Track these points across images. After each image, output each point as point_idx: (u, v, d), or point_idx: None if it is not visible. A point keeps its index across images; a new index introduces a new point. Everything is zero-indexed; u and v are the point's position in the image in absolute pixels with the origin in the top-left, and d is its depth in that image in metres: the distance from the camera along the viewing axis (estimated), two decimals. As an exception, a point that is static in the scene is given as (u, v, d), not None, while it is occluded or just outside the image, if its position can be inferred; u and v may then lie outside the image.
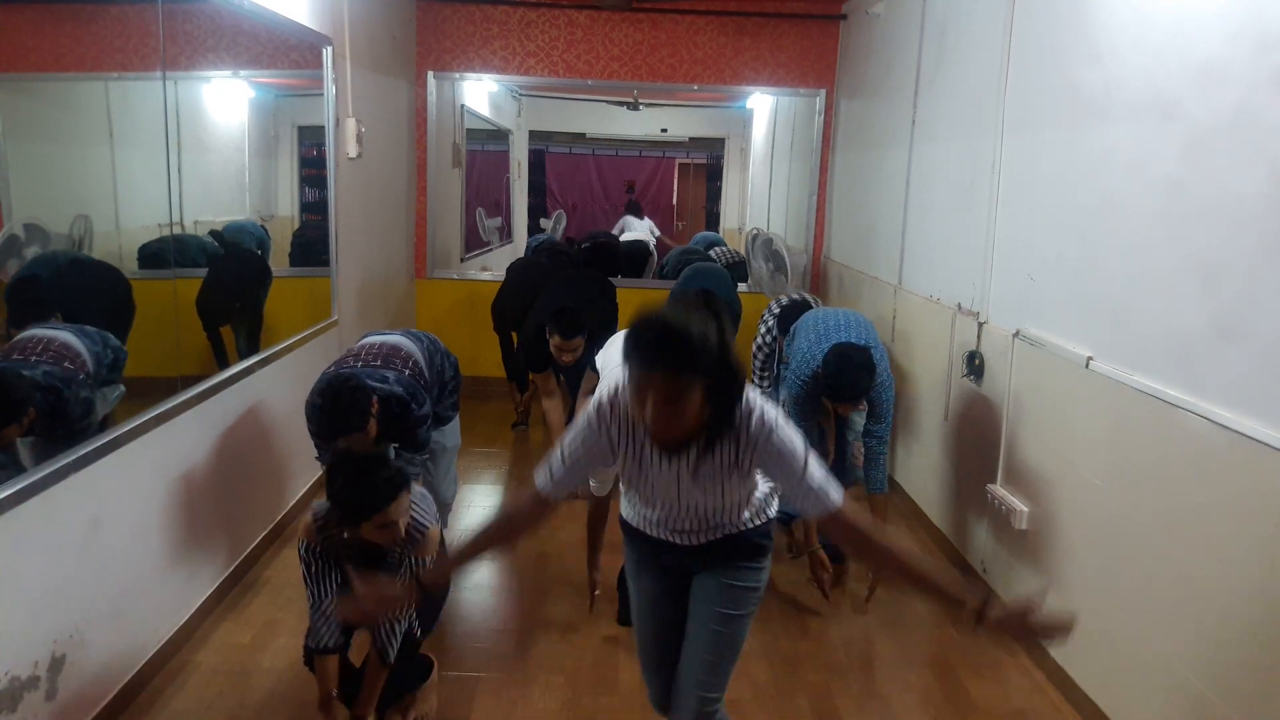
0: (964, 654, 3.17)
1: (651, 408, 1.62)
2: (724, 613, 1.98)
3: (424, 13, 5.89)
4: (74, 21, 2.76)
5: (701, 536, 1.97)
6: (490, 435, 5.39)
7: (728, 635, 1.99)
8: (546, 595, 3.46)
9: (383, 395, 2.81)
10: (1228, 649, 2.21)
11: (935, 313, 4.07)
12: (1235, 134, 2.22)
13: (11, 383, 2.30)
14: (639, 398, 1.64)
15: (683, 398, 1.61)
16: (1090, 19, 2.89)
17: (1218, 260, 2.26)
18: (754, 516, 1.99)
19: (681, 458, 1.80)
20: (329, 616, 2.35)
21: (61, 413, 2.41)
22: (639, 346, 1.61)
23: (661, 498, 1.90)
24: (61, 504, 2.37)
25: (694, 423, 1.69)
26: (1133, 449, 2.59)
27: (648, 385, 1.61)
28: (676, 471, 1.83)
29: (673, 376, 1.59)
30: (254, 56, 3.89)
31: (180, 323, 3.14)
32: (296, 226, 4.89)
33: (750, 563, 2.00)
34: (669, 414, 1.63)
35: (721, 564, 2.00)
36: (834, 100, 6.05)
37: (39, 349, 2.45)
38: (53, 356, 2.46)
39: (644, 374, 1.61)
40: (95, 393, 2.55)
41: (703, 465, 1.79)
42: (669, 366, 1.58)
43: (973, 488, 3.64)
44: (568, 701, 2.81)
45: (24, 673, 2.23)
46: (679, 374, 1.59)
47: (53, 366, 2.43)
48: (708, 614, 2.00)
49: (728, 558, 1.99)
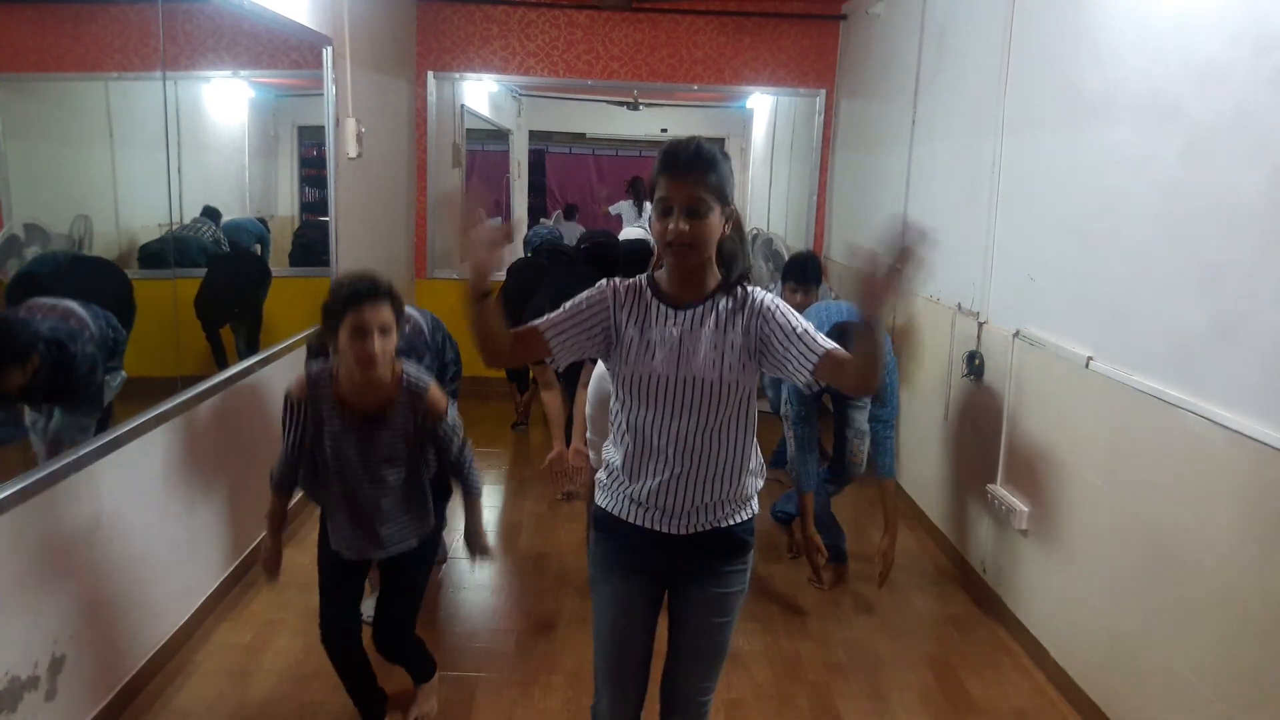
0: (964, 654, 3.17)
1: (677, 216, 1.73)
2: (717, 622, 1.96)
3: (424, 13, 5.90)
4: (74, 21, 2.76)
5: (688, 521, 1.89)
6: (490, 435, 5.39)
7: (722, 640, 1.99)
8: (546, 595, 3.46)
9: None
10: (1228, 648, 2.21)
11: (935, 313, 4.07)
12: (1235, 134, 2.22)
13: (16, 329, 2.31)
14: (665, 207, 1.74)
15: (706, 208, 1.73)
16: (1090, 19, 2.89)
17: (1218, 260, 2.26)
18: (739, 509, 1.93)
19: (687, 316, 1.83)
20: (293, 466, 2.35)
21: (66, 366, 2.41)
22: (674, 153, 1.74)
23: (661, 384, 1.81)
24: (61, 504, 2.37)
25: (708, 250, 1.78)
26: (1133, 449, 2.59)
27: (679, 189, 1.72)
28: (680, 334, 1.82)
29: (701, 180, 1.72)
30: (254, 56, 3.89)
31: (180, 323, 3.14)
32: (296, 227, 4.90)
33: (736, 565, 1.96)
34: (691, 220, 1.73)
35: (705, 568, 1.94)
36: (834, 100, 6.05)
37: (45, 310, 2.48)
38: (59, 316, 2.48)
39: (669, 177, 1.73)
40: (100, 354, 2.55)
41: (706, 323, 1.82)
42: (697, 167, 1.72)
43: (973, 488, 3.65)
44: (568, 701, 2.81)
45: (24, 673, 2.23)
46: (705, 176, 1.72)
47: (59, 322, 2.45)
48: (700, 625, 1.96)
49: (712, 559, 1.93)
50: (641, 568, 1.95)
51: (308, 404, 2.29)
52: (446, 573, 3.62)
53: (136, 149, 3.07)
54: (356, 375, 2.23)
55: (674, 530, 1.90)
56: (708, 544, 1.92)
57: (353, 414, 2.29)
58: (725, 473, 1.88)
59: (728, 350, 1.81)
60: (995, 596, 3.42)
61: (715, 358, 1.81)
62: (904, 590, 3.62)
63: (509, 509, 4.37)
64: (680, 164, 1.73)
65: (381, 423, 2.30)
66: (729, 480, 1.89)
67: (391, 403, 2.30)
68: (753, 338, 1.81)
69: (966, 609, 3.49)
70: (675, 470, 1.85)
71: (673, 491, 1.87)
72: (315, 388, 2.29)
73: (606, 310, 1.85)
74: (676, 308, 1.84)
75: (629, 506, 1.92)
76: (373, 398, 2.28)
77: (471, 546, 2.55)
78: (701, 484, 1.87)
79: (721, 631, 1.97)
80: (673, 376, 1.81)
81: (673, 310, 1.84)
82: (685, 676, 2.00)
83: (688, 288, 1.84)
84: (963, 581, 3.69)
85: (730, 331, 1.82)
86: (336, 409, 2.29)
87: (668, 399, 1.82)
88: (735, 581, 1.96)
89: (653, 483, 1.87)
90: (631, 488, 1.90)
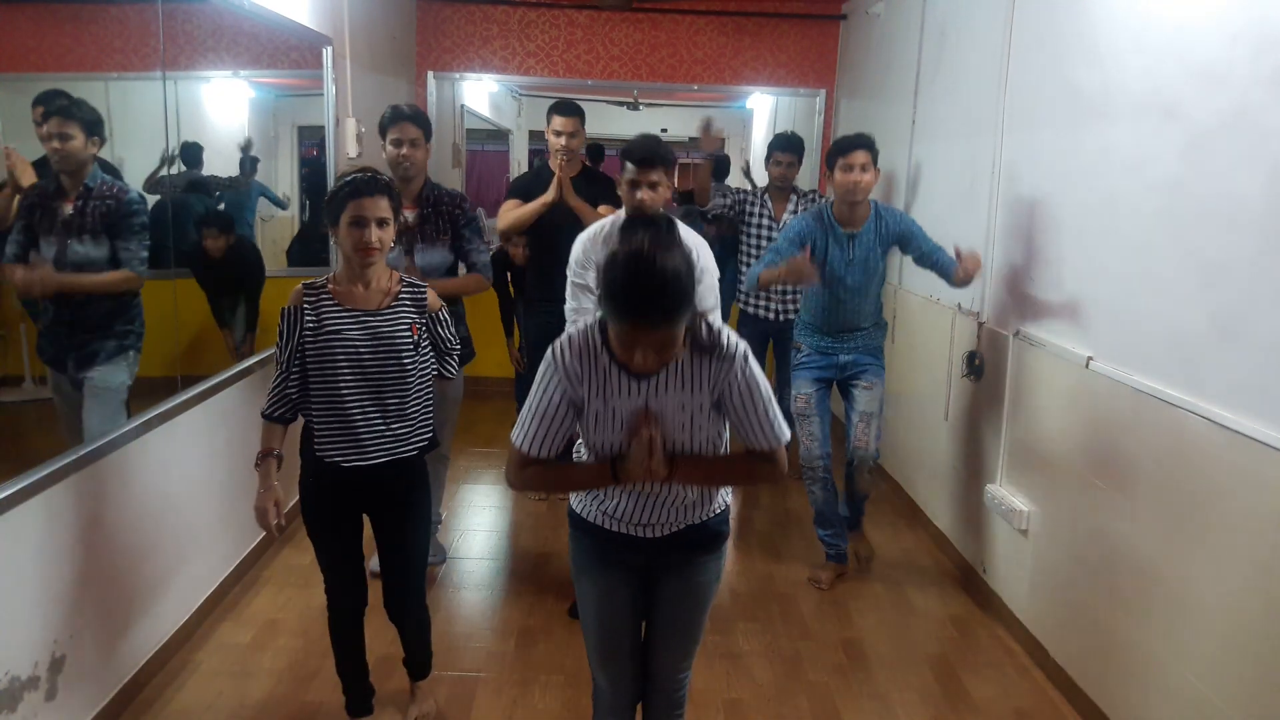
0: (964, 654, 3.17)
1: (642, 352, 1.64)
2: (694, 608, 2.01)
3: (424, 13, 5.90)
4: (74, 21, 2.76)
5: (664, 527, 1.91)
6: (490, 435, 5.39)
7: (699, 623, 2.04)
8: (547, 595, 3.46)
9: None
10: (1228, 648, 2.21)
11: (935, 313, 4.07)
12: (1235, 134, 2.22)
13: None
14: (627, 344, 1.65)
15: (673, 337, 1.65)
16: (1090, 19, 2.89)
17: (1218, 260, 2.26)
18: (711, 505, 1.94)
19: (651, 383, 1.76)
20: (289, 394, 2.33)
21: (116, 201, 2.65)
22: (629, 297, 1.60)
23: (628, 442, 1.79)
24: (61, 504, 2.37)
25: (678, 349, 1.71)
26: (1133, 449, 2.59)
27: (638, 334, 1.63)
28: (645, 403, 1.75)
29: (667, 325, 1.61)
30: (254, 56, 3.89)
31: (180, 322, 3.14)
32: (296, 228, 4.90)
33: (712, 554, 1.98)
34: (660, 355, 1.66)
35: (683, 561, 1.96)
36: (834, 100, 6.05)
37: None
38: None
39: (634, 325, 1.62)
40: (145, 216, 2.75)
41: (672, 386, 1.75)
42: (665, 316, 1.60)
43: (973, 488, 3.65)
44: (568, 701, 2.81)
45: (24, 673, 2.23)
46: (673, 323, 1.62)
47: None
48: (678, 613, 2.00)
49: (690, 553, 1.95)
50: (619, 562, 1.98)
51: (304, 311, 2.30)
52: (446, 573, 3.62)
53: (137, 149, 3.07)
54: (356, 265, 2.29)
55: (649, 535, 1.93)
56: (684, 540, 1.95)
57: (355, 309, 2.32)
58: (694, 490, 1.90)
59: (697, 412, 1.78)
60: (995, 596, 3.42)
61: (684, 420, 1.78)
62: (904, 590, 3.62)
63: (509, 509, 4.37)
64: (637, 313, 1.61)
65: (383, 316, 2.34)
66: (698, 495, 1.91)
67: (391, 295, 2.35)
68: (718, 390, 1.78)
69: (966, 609, 3.49)
70: (645, 489, 1.87)
71: (644, 508, 1.90)
72: (314, 293, 2.32)
73: (565, 391, 1.78)
74: (636, 377, 1.75)
75: (601, 517, 1.95)
76: (372, 293, 2.33)
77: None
78: (671, 500, 1.90)
79: (699, 615, 2.02)
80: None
81: (633, 380, 1.76)
82: (664, 659, 2.05)
83: None
84: (963, 581, 3.69)
85: (698, 392, 1.77)
86: (338, 307, 2.31)
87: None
88: (712, 569, 2.00)
89: (624, 502, 1.90)
90: (605, 504, 1.93)
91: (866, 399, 3.49)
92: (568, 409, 1.78)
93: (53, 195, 2.58)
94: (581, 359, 1.76)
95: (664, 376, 1.76)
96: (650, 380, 1.76)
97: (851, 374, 3.51)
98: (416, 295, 2.39)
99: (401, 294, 2.36)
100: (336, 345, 2.28)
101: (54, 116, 2.54)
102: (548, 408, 1.78)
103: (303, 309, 2.30)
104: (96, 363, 2.67)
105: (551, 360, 1.77)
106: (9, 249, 2.51)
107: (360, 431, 2.31)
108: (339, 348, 2.28)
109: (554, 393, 1.77)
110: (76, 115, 2.56)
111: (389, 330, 2.31)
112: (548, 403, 1.78)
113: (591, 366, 1.76)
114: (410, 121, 3.22)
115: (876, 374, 3.50)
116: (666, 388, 1.76)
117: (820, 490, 3.57)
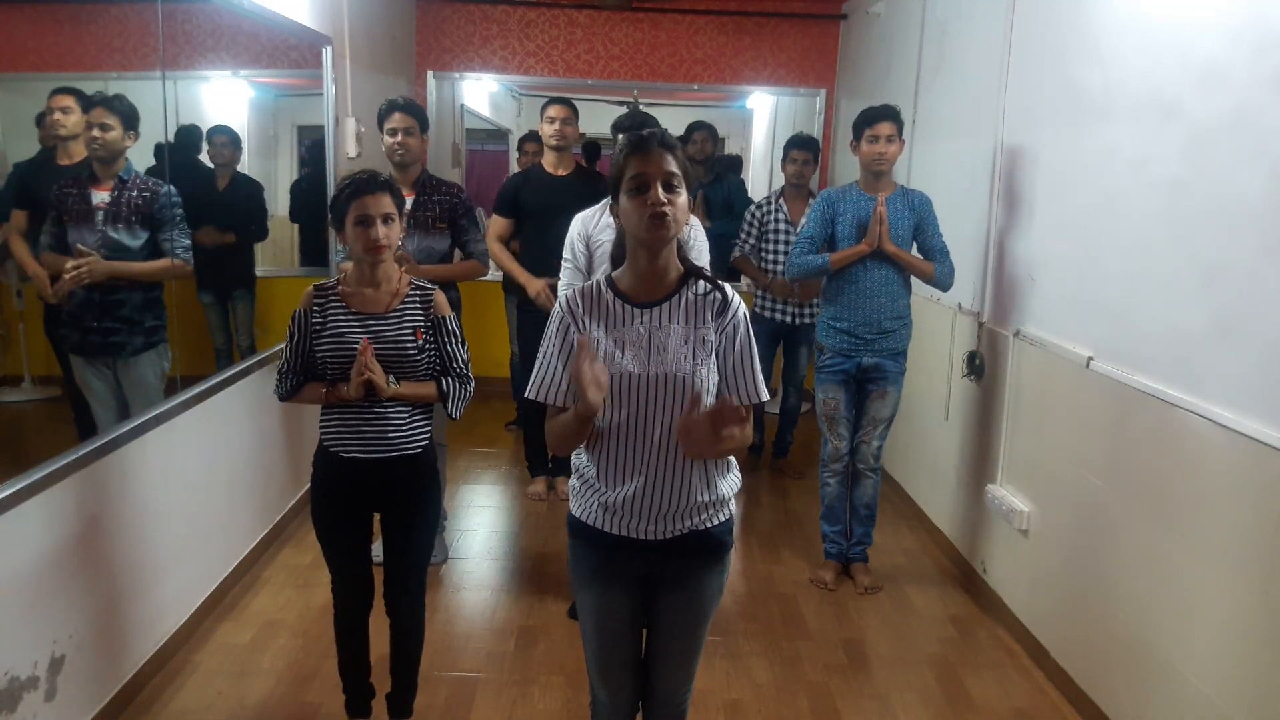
0: (964, 654, 3.17)
1: (654, 192, 1.75)
2: (695, 624, 1.99)
3: (424, 13, 5.90)
4: (74, 21, 2.76)
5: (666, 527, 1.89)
6: (490, 435, 5.39)
7: (699, 639, 2.02)
8: (547, 595, 3.46)
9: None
10: (1228, 648, 2.21)
11: (935, 313, 4.07)
12: (1235, 134, 2.22)
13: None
14: (640, 184, 1.77)
15: (679, 182, 1.79)
16: (1090, 19, 2.89)
17: (1218, 260, 2.26)
18: (716, 511, 1.94)
19: (653, 314, 1.84)
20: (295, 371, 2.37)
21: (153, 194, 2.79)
22: (635, 135, 1.81)
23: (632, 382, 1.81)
24: (61, 504, 2.37)
25: (680, 228, 1.81)
26: (1133, 449, 2.59)
27: (646, 166, 1.77)
28: (648, 332, 1.82)
29: (670, 155, 1.78)
30: (254, 56, 3.89)
31: (180, 322, 3.13)
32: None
33: (715, 568, 1.97)
34: (670, 198, 1.77)
35: (686, 572, 1.94)
36: (834, 100, 6.05)
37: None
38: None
39: (641, 157, 1.79)
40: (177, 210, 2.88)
41: (675, 319, 1.84)
42: (664, 144, 1.80)
43: (973, 488, 3.65)
44: (568, 701, 2.81)
45: (24, 673, 2.23)
46: (673, 155, 1.79)
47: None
48: (678, 628, 1.98)
49: (693, 563, 1.94)
50: (620, 574, 1.96)
51: (312, 313, 2.35)
52: (446, 572, 3.62)
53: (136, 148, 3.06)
54: (365, 265, 2.33)
55: (651, 536, 1.90)
56: (687, 547, 1.92)
57: (361, 312, 2.35)
58: (700, 476, 1.89)
59: (699, 346, 1.83)
60: (995, 596, 3.42)
61: (686, 353, 1.83)
62: (904, 590, 3.62)
63: (509, 509, 4.37)
64: (651, 145, 1.80)
65: (388, 319, 2.36)
66: (704, 483, 1.90)
67: (399, 297, 2.38)
68: (720, 335, 1.85)
69: (966, 609, 3.49)
70: (650, 474, 1.86)
71: (647, 496, 1.87)
72: (323, 294, 2.37)
73: (572, 333, 1.85)
74: (640, 306, 1.85)
75: (602, 515, 1.92)
76: (381, 294, 2.36)
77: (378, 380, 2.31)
78: (676, 489, 1.87)
79: (700, 631, 2.01)
80: (644, 374, 1.82)
81: (637, 309, 1.85)
82: (665, 675, 2.03)
83: (651, 282, 1.85)
84: (963, 581, 3.69)
85: (702, 327, 1.84)
86: (345, 309, 2.36)
87: (640, 398, 1.82)
88: (714, 584, 1.98)
89: (627, 489, 1.87)
90: (606, 495, 1.90)
91: (879, 406, 3.52)
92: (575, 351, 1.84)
93: (86, 183, 2.67)
94: (584, 298, 1.88)
95: (666, 308, 1.84)
96: (652, 310, 1.84)
97: (872, 378, 3.51)
98: (424, 297, 2.41)
99: (409, 296, 2.39)
100: (340, 348, 2.32)
101: (97, 107, 2.66)
102: (555, 352, 1.88)
103: (311, 311, 2.36)
104: (134, 352, 2.79)
105: (558, 310, 1.89)
106: (43, 239, 2.59)
107: (362, 427, 2.36)
108: (343, 351, 2.32)
109: (560, 337, 1.87)
110: (118, 108, 2.69)
111: (393, 334, 2.34)
112: (555, 348, 1.88)
113: (596, 303, 1.88)
114: (404, 111, 3.36)
115: (895, 383, 3.51)
116: (670, 318, 1.84)
117: (836, 484, 3.61)
